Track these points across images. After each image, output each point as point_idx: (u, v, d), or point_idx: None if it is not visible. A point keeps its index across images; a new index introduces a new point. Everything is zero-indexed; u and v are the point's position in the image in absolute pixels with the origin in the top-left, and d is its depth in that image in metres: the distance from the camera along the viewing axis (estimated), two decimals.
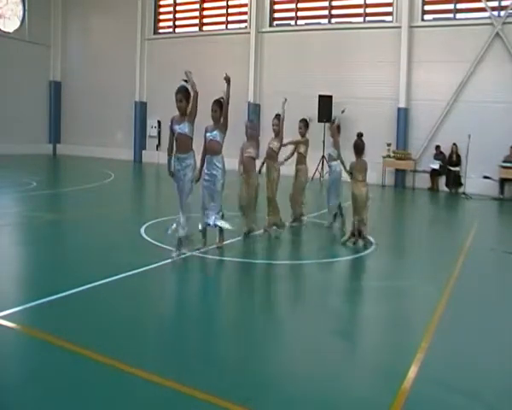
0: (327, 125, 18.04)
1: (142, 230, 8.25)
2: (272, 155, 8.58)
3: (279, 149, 8.63)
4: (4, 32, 23.38)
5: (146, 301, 5.14)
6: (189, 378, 3.59)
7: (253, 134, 8.43)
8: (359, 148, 8.30)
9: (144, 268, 6.15)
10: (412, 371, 3.82)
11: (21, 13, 24.10)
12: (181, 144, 6.54)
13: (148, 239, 7.61)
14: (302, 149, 9.40)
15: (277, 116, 8.84)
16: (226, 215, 7.26)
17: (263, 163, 8.91)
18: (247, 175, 8.08)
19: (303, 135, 9.50)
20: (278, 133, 8.70)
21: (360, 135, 8.71)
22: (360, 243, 7.95)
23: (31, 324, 4.49)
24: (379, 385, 3.74)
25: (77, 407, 3.21)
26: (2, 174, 15.60)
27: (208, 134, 7.10)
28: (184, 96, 6.41)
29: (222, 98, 7.11)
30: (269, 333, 4.74)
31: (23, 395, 3.36)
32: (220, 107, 7.03)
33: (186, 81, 6.43)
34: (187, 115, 6.49)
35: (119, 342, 4.24)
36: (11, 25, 23.79)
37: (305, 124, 9.53)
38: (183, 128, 6.48)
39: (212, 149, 7.04)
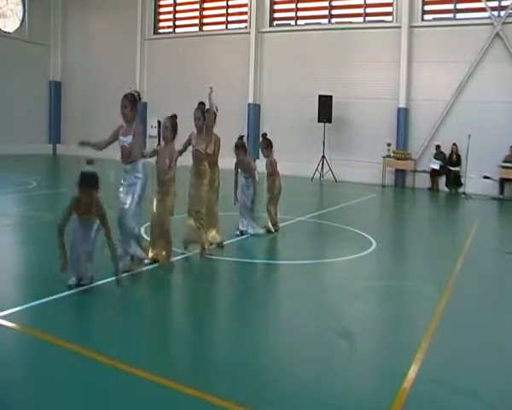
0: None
1: (142, 229, 8.23)
2: (201, 158, 7.03)
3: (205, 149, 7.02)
4: (4, 32, 23.37)
5: (147, 301, 5.13)
6: (189, 378, 3.59)
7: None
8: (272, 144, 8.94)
9: (144, 268, 6.15)
10: (412, 371, 3.82)
11: (21, 13, 24.09)
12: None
13: (149, 239, 7.60)
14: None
15: (201, 105, 7.25)
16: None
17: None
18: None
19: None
20: (202, 129, 7.13)
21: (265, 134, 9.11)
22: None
23: (31, 324, 4.49)
24: (379, 385, 3.74)
25: (77, 407, 3.21)
26: (2, 174, 15.59)
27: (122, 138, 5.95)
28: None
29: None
30: (268, 333, 4.74)
31: (23, 395, 3.36)
32: (132, 103, 5.78)
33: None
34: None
35: (119, 342, 4.24)
36: (11, 25, 23.79)
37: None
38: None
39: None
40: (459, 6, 17.29)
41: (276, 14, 20.78)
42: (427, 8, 17.82)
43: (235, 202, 8.27)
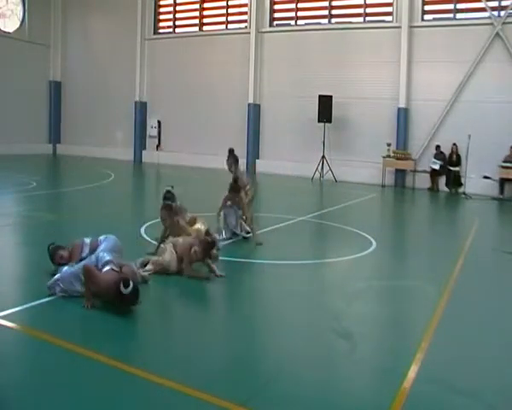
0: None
1: (143, 229, 8.25)
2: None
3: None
4: (4, 32, 23.36)
5: (147, 301, 5.12)
6: (189, 378, 3.59)
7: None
8: None
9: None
10: (412, 371, 3.82)
11: (21, 13, 24.08)
12: None
13: (149, 239, 7.61)
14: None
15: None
16: None
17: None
18: None
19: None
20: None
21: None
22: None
23: (31, 324, 4.49)
24: (379, 385, 3.75)
25: (76, 407, 3.22)
26: (2, 174, 15.60)
27: None
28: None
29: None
30: (269, 333, 4.74)
31: (22, 395, 3.37)
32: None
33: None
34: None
35: (119, 342, 4.25)
36: (11, 25, 23.77)
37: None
38: None
39: None
40: (459, 6, 17.27)
41: (276, 14, 20.75)
42: (427, 8, 17.80)
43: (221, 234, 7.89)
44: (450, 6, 17.37)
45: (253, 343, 4.41)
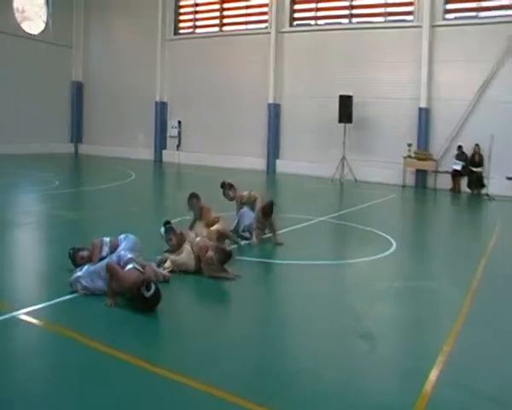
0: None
1: (162, 228, 8.29)
2: None
3: None
4: (30, 34, 23.73)
5: (170, 301, 5.16)
6: (211, 378, 3.61)
7: None
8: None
9: None
10: (434, 374, 3.78)
11: (45, 16, 24.43)
12: None
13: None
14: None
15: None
16: None
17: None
18: None
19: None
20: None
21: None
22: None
23: (54, 320, 4.56)
24: (401, 387, 3.72)
25: (99, 404, 3.26)
26: (26, 173, 15.87)
27: None
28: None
29: None
30: (289, 333, 4.74)
31: (46, 390, 3.42)
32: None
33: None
34: None
35: (141, 341, 4.29)
36: (36, 27, 24.14)
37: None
38: None
39: None
40: (481, 4, 17.01)
41: (297, 14, 20.71)
42: (448, 6, 17.57)
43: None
44: (473, 4, 17.13)
45: (274, 343, 4.41)
